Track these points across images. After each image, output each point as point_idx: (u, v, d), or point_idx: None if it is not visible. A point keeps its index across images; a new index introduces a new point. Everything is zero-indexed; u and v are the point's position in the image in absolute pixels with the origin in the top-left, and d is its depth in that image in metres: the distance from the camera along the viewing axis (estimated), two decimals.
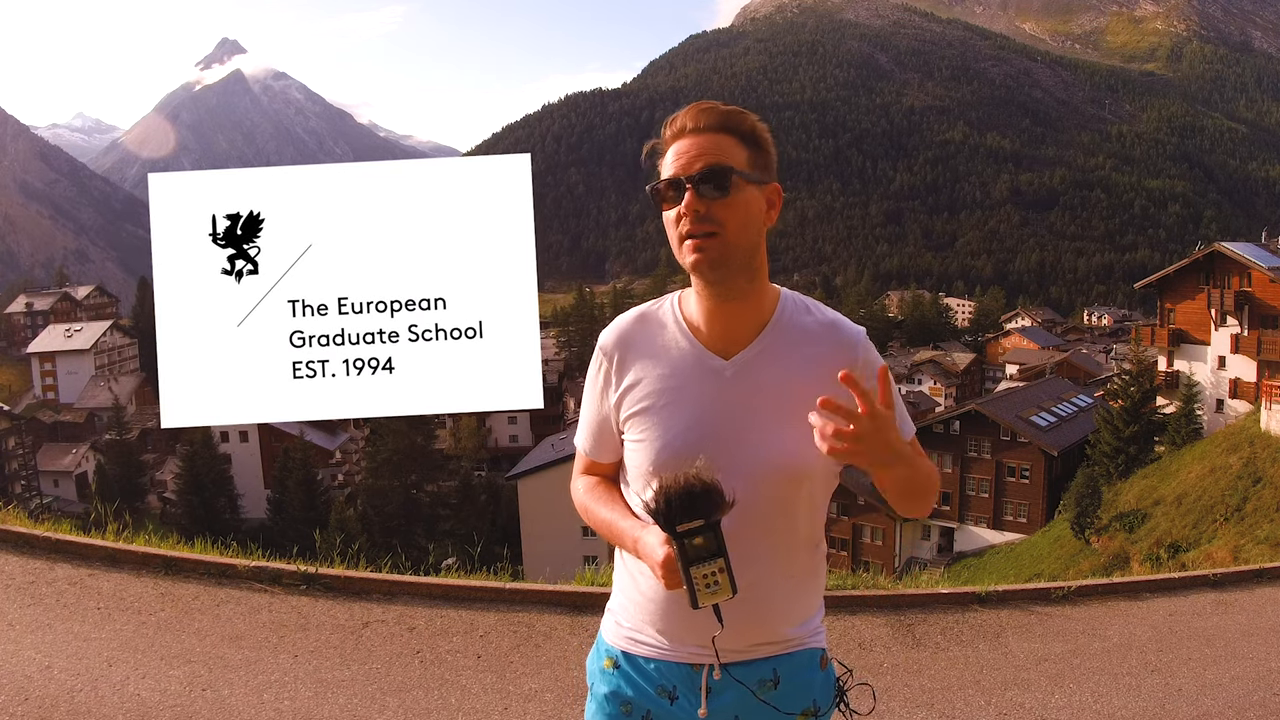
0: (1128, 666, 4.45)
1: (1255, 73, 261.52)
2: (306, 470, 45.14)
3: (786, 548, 1.61)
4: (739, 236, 1.54)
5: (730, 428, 1.56)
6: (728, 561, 1.40)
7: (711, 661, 1.60)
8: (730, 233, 1.53)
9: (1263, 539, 19.57)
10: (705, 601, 1.40)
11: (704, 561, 1.39)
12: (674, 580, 1.43)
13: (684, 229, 1.54)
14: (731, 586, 1.39)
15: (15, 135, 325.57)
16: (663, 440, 1.58)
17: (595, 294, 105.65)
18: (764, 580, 1.59)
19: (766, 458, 1.56)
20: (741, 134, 1.57)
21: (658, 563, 1.45)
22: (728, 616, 1.51)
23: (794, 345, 1.61)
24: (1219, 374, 31.50)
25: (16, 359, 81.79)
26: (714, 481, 1.40)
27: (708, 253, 1.53)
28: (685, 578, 1.40)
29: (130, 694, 3.56)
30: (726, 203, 1.53)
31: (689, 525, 1.39)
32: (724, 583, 1.39)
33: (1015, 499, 35.88)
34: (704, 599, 1.39)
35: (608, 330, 1.71)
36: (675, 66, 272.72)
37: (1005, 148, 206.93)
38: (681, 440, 1.56)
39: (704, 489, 1.39)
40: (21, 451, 55.83)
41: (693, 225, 1.53)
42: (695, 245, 1.53)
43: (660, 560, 1.44)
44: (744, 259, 1.57)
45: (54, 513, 37.54)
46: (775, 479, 1.56)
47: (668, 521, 1.40)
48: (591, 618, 4.64)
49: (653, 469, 1.58)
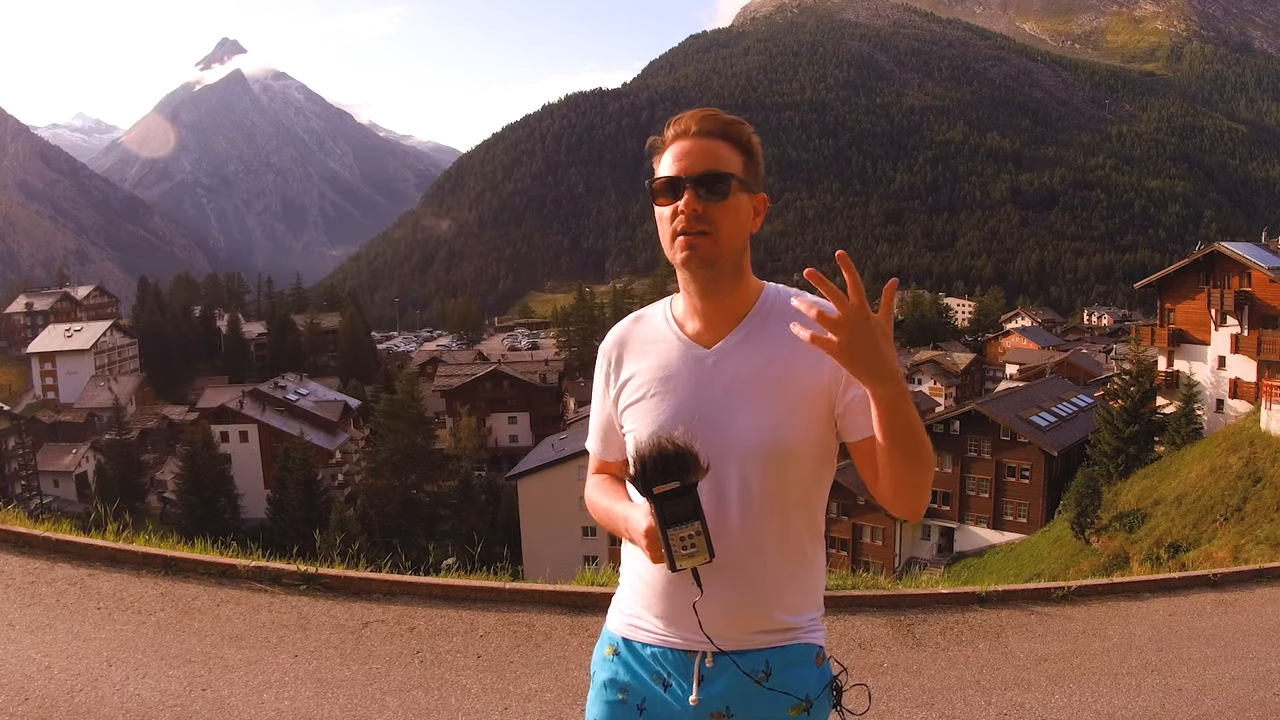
0: (1128, 666, 4.45)
1: (1255, 73, 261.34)
2: (306, 470, 45.10)
3: (779, 531, 1.63)
4: (729, 239, 1.61)
5: (714, 412, 1.62)
6: (704, 524, 1.44)
7: (703, 645, 1.61)
8: (722, 234, 1.61)
9: (1263, 539, 19.56)
10: (683, 564, 1.44)
11: (681, 524, 1.43)
12: (656, 550, 1.47)
13: (678, 226, 1.61)
14: (709, 549, 1.43)
15: (15, 135, 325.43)
16: (651, 428, 1.64)
17: (595, 294, 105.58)
18: (756, 562, 1.62)
19: (751, 438, 1.60)
20: (740, 144, 1.66)
21: (642, 534, 1.50)
22: (716, 592, 1.56)
23: (774, 330, 1.66)
24: (1219, 374, 31.49)
25: (16, 359, 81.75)
26: (686, 445, 1.46)
27: (699, 251, 1.60)
28: (663, 540, 1.44)
29: (130, 694, 3.56)
30: (722, 206, 1.60)
31: (664, 487, 1.43)
32: (701, 545, 1.43)
33: (1015, 499, 35.86)
34: (682, 561, 1.43)
35: (610, 333, 1.81)
36: (675, 66, 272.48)
37: (1005, 148, 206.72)
38: (668, 427, 1.60)
39: (676, 451, 1.44)
40: (21, 451, 55.80)
41: (688, 224, 1.60)
42: (688, 243, 1.60)
43: (643, 530, 1.50)
44: (732, 260, 1.64)
45: (54, 513, 37.54)
46: (761, 458, 1.60)
47: (645, 484, 1.44)
48: (591, 618, 4.64)
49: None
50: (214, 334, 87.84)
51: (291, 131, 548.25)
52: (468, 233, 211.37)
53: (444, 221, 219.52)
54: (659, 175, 1.64)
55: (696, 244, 1.59)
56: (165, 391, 75.15)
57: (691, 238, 1.59)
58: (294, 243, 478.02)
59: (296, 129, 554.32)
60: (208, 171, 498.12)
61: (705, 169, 1.59)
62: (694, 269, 1.62)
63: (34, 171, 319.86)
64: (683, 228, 1.60)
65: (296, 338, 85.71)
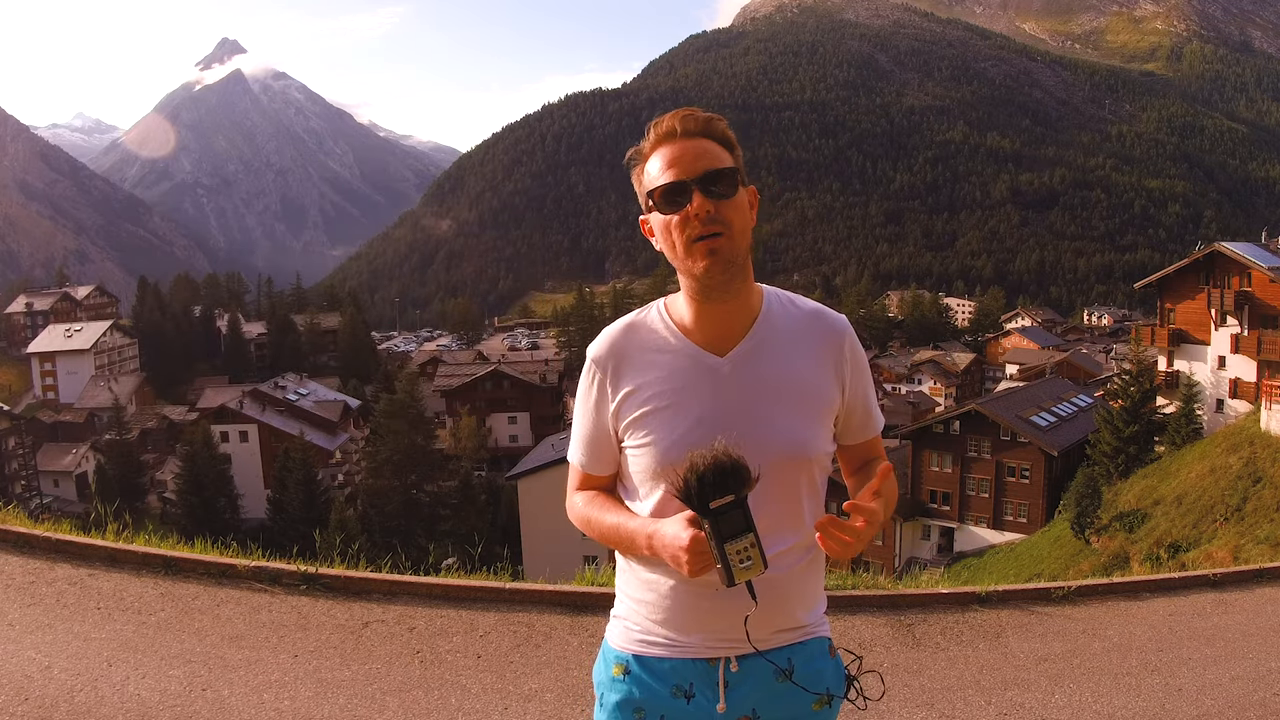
0: (1128, 666, 4.45)
1: (1255, 73, 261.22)
2: (306, 470, 45.08)
3: (796, 533, 1.65)
4: (742, 235, 1.59)
5: (733, 421, 1.59)
6: (757, 536, 1.42)
7: (733, 651, 1.62)
8: (735, 231, 1.57)
9: (1263, 539, 19.55)
10: (741, 578, 1.42)
11: (737, 537, 1.41)
12: (700, 564, 1.44)
13: (694, 231, 1.55)
14: (763, 561, 1.42)
15: (15, 135, 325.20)
16: (669, 440, 1.60)
17: (595, 294, 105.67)
18: (782, 563, 1.62)
19: (771, 446, 1.59)
20: (723, 140, 1.61)
21: (683, 548, 1.45)
22: (761, 600, 1.55)
23: (785, 337, 1.66)
24: (1219, 374, 31.49)
25: (16, 359, 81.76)
26: (740, 457, 1.43)
27: (721, 253, 1.56)
28: (720, 556, 1.41)
29: (130, 694, 3.56)
30: (730, 203, 1.57)
31: (721, 501, 1.41)
32: (756, 557, 1.42)
33: (1015, 499, 35.85)
34: (740, 575, 1.41)
35: (597, 342, 1.72)
36: (675, 66, 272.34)
37: (1005, 148, 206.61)
38: (688, 438, 1.58)
39: (733, 464, 1.42)
40: (21, 451, 55.79)
41: (705, 226, 1.55)
42: (708, 247, 1.55)
43: (686, 544, 1.45)
44: (744, 258, 1.61)
45: (54, 513, 37.56)
46: (782, 465, 1.60)
47: (700, 499, 1.41)
48: (591, 618, 4.64)
49: (660, 469, 1.60)
50: (214, 334, 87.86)
51: (291, 131, 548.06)
52: (468, 233, 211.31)
53: (444, 221, 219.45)
54: (657, 183, 1.58)
55: (717, 246, 1.55)
56: (165, 391, 75.15)
57: (710, 240, 1.55)
58: (294, 243, 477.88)
59: (296, 129, 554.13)
60: (208, 171, 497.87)
61: (706, 168, 1.56)
62: (716, 273, 1.57)
63: (34, 171, 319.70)
64: (700, 231, 1.55)
65: (296, 338, 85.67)
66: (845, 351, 1.69)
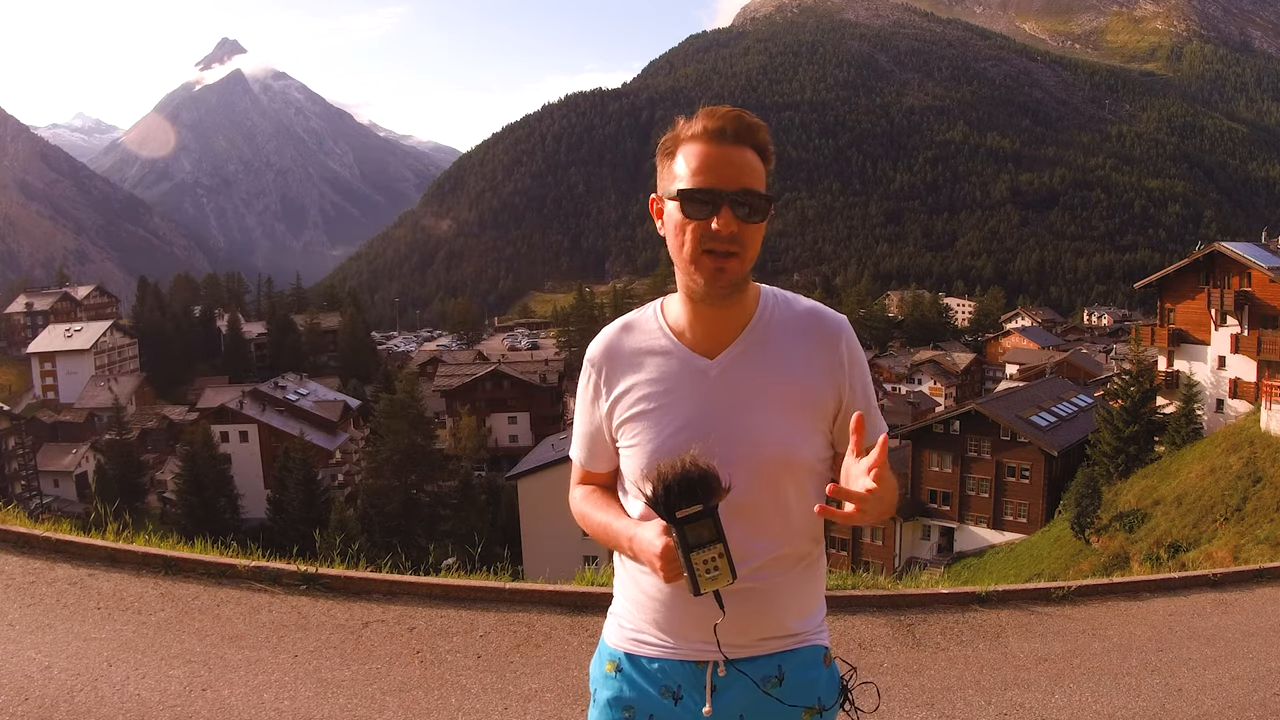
0: (1128, 666, 4.45)
1: (1255, 73, 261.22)
2: (306, 470, 45.08)
3: (784, 539, 1.62)
4: (753, 258, 1.57)
5: (719, 424, 1.58)
6: (726, 547, 1.42)
7: (715, 656, 1.60)
8: (749, 256, 1.55)
9: (1263, 539, 19.56)
10: (707, 587, 1.42)
11: (704, 547, 1.41)
12: (673, 571, 1.44)
13: (711, 246, 1.52)
14: (731, 571, 1.42)
15: (15, 135, 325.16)
16: (655, 442, 1.60)
17: (595, 294, 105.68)
18: (764, 572, 1.60)
19: (757, 450, 1.58)
20: (764, 151, 1.56)
21: (656, 554, 1.46)
22: (733, 609, 1.52)
23: (776, 340, 1.63)
24: (1219, 374, 31.49)
25: (16, 359, 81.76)
26: (710, 467, 1.43)
27: (729, 275, 1.53)
28: (686, 564, 1.42)
29: (130, 694, 3.56)
30: (754, 227, 1.53)
31: (688, 510, 1.41)
32: (724, 568, 1.41)
33: (1015, 499, 35.85)
34: (705, 585, 1.42)
35: (595, 342, 1.73)
36: (675, 66, 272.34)
37: (1005, 148, 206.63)
38: (674, 441, 1.57)
39: (700, 474, 1.42)
40: (21, 451, 55.78)
41: (723, 244, 1.51)
42: (719, 265, 1.52)
43: (658, 551, 1.45)
44: (748, 278, 1.61)
45: (54, 513, 37.58)
46: (767, 470, 1.58)
47: (667, 508, 1.42)
48: (591, 618, 4.64)
49: (647, 470, 1.58)
50: (214, 334, 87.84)
51: (291, 131, 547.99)
52: (468, 233, 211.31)
53: (444, 221, 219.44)
54: (688, 182, 1.52)
55: (726, 267, 1.52)
56: (165, 391, 75.14)
57: (721, 260, 1.52)
58: (294, 243, 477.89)
59: (296, 129, 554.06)
60: (208, 171, 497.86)
61: (744, 186, 1.51)
62: (721, 291, 1.55)
63: (34, 171, 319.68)
64: (715, 248, 1.51)
65: (296, 338, 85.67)
66: (842, 352, 1.65)
